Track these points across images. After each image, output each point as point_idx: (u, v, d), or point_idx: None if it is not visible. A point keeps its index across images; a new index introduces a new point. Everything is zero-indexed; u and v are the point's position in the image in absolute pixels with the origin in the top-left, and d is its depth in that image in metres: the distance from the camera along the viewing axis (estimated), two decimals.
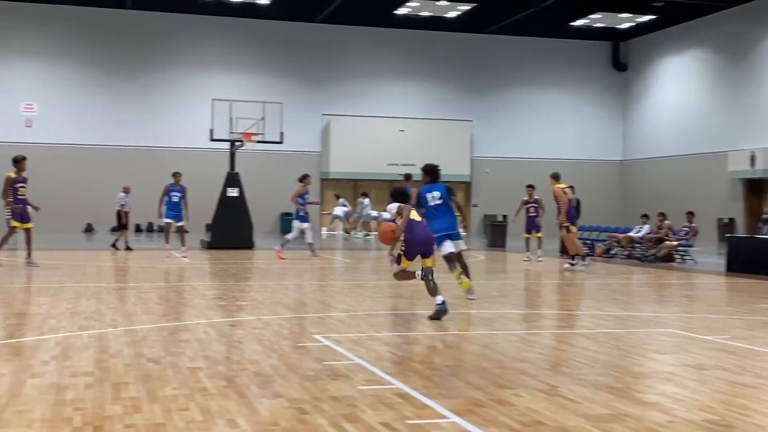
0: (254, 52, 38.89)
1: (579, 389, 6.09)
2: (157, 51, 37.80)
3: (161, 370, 6.55)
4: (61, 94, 36.89)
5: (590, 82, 42.66)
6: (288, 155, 36.36)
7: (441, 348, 7.73)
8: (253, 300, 11.51)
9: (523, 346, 7.94)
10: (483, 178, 41.33)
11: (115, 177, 33.92)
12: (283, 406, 5.44)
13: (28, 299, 11.12)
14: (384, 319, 9.83)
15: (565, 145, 41.97)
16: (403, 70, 40.47)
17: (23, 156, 16.69)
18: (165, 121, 37.60)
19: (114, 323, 9.03)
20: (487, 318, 9.98)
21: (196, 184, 35.82)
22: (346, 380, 6.23)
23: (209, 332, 8.52)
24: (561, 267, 18.17)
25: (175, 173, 20.62)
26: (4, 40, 36.24)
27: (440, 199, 11.33)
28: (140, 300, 11.29)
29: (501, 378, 6.42)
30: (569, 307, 11.63)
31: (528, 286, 14.23)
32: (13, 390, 5.77)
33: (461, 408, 5.44)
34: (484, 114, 41.29)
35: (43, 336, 8.11)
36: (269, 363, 6.87)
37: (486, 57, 41.34)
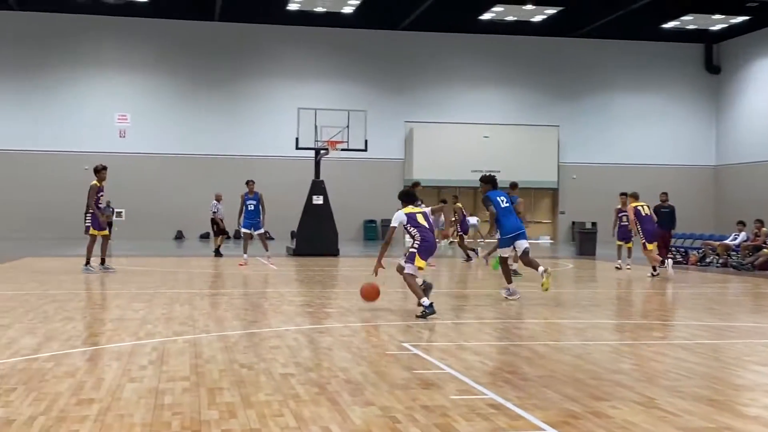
0: (338, 60, 39.27)
1: (678, 401, 5.91)
2: (244, 61, 38.55)
3: (254, 375, 6.62)
4: (152, 105, 37.98)
5: (682, 85, 41.65)
6: (372, 163, 36.61)
7: (533, 358, 7.60)
8: (340, 307, 11.57)
9: (617, 357, 7.75)
10: (570, 184, 40.76)
11: (203, 185, 34.76)
12: (375, 414, 5.43)
13: (125, 305, 11.43)
14: (472, 327, 9.74)
15: (655, 151, 41.09)
16: (488, 75, 40.27)
17: (104, 165, 17.14)
18: (252, 130, 38.31)
19: (207, 329, 9.20)
20: (579, 328, 9.80)
21: (281, 191, 36.43)
22: (437, 389, 6.18)
23: (299, 339, 8.60)
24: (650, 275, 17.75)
25: (248, 181, 20.63)
26: (98, 53, 37.54)
27: (507, 203, 12.53)
28: (231, 306, 11.48)
29: (596, 389, 6.27)
30: (664, 316, 11.32)
31: (620, 295, 13.93)
32: (114, 394, 5.92)
33: (556, 420, 5.34)
34: (571, 119, 40.73)
35: (140, 341, 8.32)
36: (359, 370, 6.88)
37: (573, 61, 40.81)
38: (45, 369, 6.79)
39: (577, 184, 40.51)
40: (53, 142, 36.80)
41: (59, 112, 37.12)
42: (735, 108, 40.63)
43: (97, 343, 8.19)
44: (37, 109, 36.94)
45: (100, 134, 37.21)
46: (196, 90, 38.40)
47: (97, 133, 37.16)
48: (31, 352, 7.60)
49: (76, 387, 6.12)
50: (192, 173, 37.42)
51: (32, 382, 6.27)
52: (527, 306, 11.95)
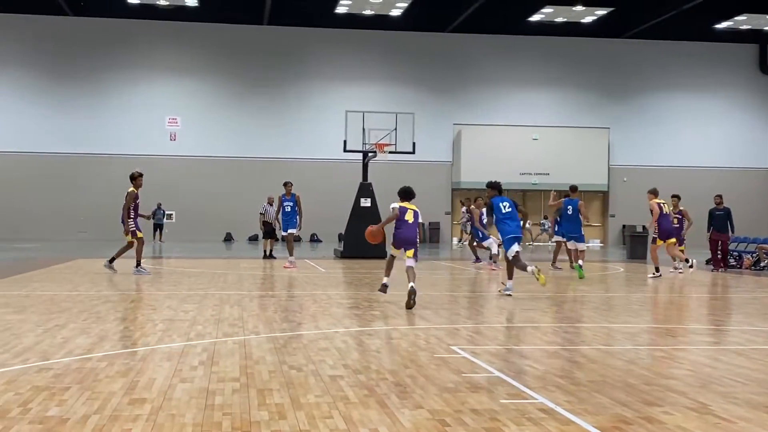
0: (386, 63, 39.33)
1: (733, 408, 5.79)
2: (292, 65, 38.82)
3: (303, 377, 6.65)
4: (202, 108, 38.45)
5: (735, 86, 40.91)
6: (420, 165, 36.56)
7: (584, 362, 7.51)
8: (389, 309, 11.56)
9: (670, 362, 7.62)
10: (621, 187, 40.28)
11: (252, 188, 35.07)
12: (424, 417, 5.41)
13: (176, 306, 11.56)
14: (521, 331, 9.67)
15: (707, 153, 40.44)
16: (537, 77, 39.99)
17: (140, 172, 17.51)
18: (300, 132, 38.56)
19: (256, 330, 9.26)
20: (631, 332, 9.66)
21: (329, 194, 36.61)
22: (486, 393, 6.14)
23: (347, 341, 8.61)
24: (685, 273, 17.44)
25: (285, 183, 20.80)
26: (149, 57, 38.12)
27: (509, 208, 13.66)
28: (279, 308, 11.56)
29: (649, 395, 6.18)
30: (717, 321, 11.11)
31: (672, 299, 13.71)
32: (166, 394, 5.99)
33: (608, 425, 5.26)
34: (621, 121, 40.26)
35: (190, 341, 8.41)
36: (408, 373, 6.86)
37: (623, 62, 40.34)
38: (98, 368, 6.90)
39: (627, 187, 40.00)
40: (105, 145, 37.45)
41: (112, 116, 37.76)
42: None
43: (148, 343, 8.30)
44: (91, 113, 37.63)
45: (151, 137, 37.79)
46: (245, 93, 38.77)
47: (148, 136, 37.74)
48: (84, 351, 7.73)
49: (128, 387, 6.21)
50: (241, 176, 37.77)
51: (86, 382, 6.37)
52: (578, 310, 11.83)
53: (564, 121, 39.86)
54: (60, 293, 13.03)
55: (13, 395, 5.87)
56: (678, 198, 20.30)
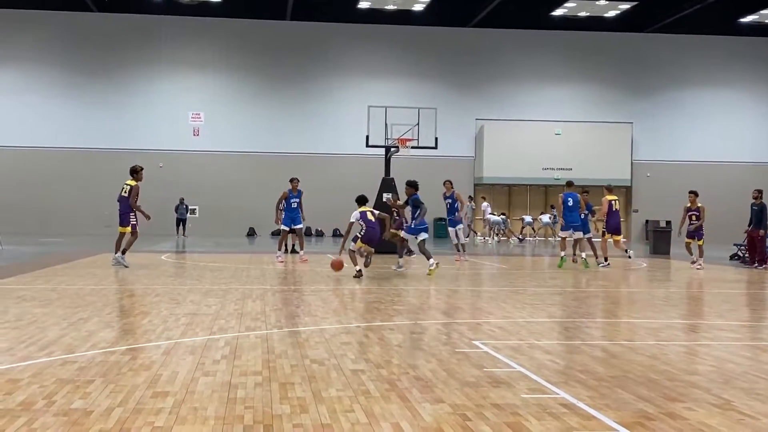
0: (409, 58, 39.29)
1: (756, 404, 5.75)
2: (315, 60, 38.87)
3: (325, 371, 6.68)
4: (225, 103, 38.60)
5: (760, 80, 40.54)
6: (442, 160, 36.50)
7: (606, 358, 7.49)
8: (410, 304, 11.58)
9: (693, 358, 7.58)
10: (644, 182, 40.03)
11: (275, 183, 35.15)
12: (445, 412, 5.42)
13: (199, 300, 11.64)
14: (543, 326, 9.65)
15: (732, 148, 40.11)
16: (559, 72, 39.79)
17: (142, 167, 18.17)
18: (323, 127, 38.61)
19: (279, 324, 9.31)
20: (654, 328, 9.61)
21: (352, 189, 36.56)
22: (508, 388, 6.14)
23: (369, 335, 8.64)
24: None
25: (292, 179, 20.74)
26: (172, 53, 38.34)
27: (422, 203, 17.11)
28: (302, 302, 11.60)
29: (671, 391, 6.15)
30: (741, 317, 11.02)
31: (695, 294, 13.61)
32: (188, 387, 6.04)
33: (630, 421, 5.25)
34: (645, 116, 39.99)
35: (213, 335, 8.46)
36: (429, 368, 6.87)
37: (647, 57, 40.05)
38: (122, 362, 6.97)
39: (650, 182, 39.75)
40: (129, 140, 37.69)
41: (135, 111, 38.01)
42: None
43: (171, 337, 8.37)
44: (114, 109, 37.90)
45: (175, 133, 38.01)
46: (268, 88, 38.88)
47: (171, 131, 37.97)
48: (108, 345, 7.81)
49: (151, 380, 6.26)
50: (263, 171, 37.90)
51: (110, 375, 6.44)
52: (600, 305, 11.78)
53: (587, 117, 39.64)
54: (85, 287, 13.16)
55: (38, 388, 5.94)
56: (695, 194, 20.15)
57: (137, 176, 17.82)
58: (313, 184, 36.97)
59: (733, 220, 33.55)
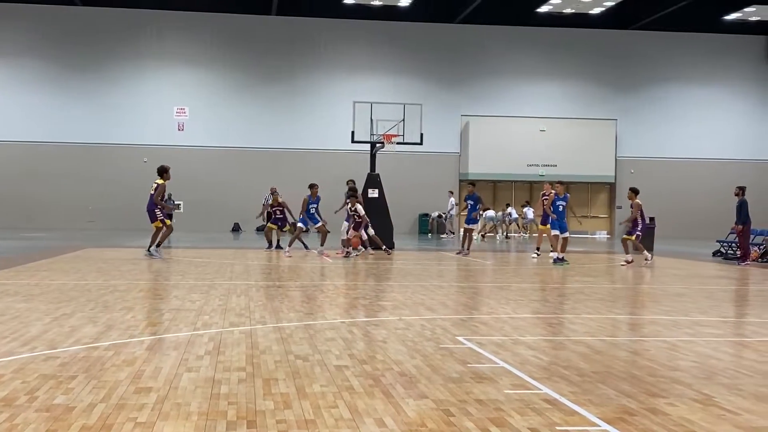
0: (394, 54, 39.26)
1: (738, 400, 5.79)
2: (300, 55, 38.79)
3: (309, 367, 6.68)
4: (210, 98, 38.46)
5: (743, 78, 40.76)
6: (427, 156, 36.55)
7: (589, 353, 7.52)
8: (395, 300, 11.59)
9: (675, 354, 7.63)
10: (628, 178, 40.17)
11: (260, 178, 35.10)
12: (429, 407, 5.43)
13: (183, 295, 11.61)
14: (527, 322, 9.68)
15: (715, 145, 40.34)
16: (545, 68, 39.88)
17: (169, 166, 19.08)
18: (308, 123, 38.54)
19: (263, 320, 9.30)
20: (637, 324, 9.67)
21: (337, 185, 36.56)
22: (491, 383, 6.16)
23: (353, 331, 8.64)
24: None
25: (312, 185, 21.62)
26: (157, 47, 38.14)
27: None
28: (286, 298, 11.59)
29: (653, 386, 6.19)
30: (723, 314, 11.10)
31: (678, 291, 13.69)
32: (172, 383, 6.03)
33: (612, 416, 5.28)
34: (629, 112, 40.16)
35: (197, 331, 8.45)
36: (413, 363, 6.89)
37: (632, 54, 40.20)
38: (105, 357, 6.94)
39: (634, 179, 39.88)
40: (113, 135, 37.49)
41: (119, 106, 37.80)
42: None
43: (155, 332, 8.34)
44: (98, 103, 37.68)
45: (160, 127, 37.84)
46: (253, 84, 38.77)
47: (156, 126, 37.80)
48: (91, 340, 7.77)
49: (134, 375, 6.24)
50: (248, 166, 37.81)
51: (92, 371, 6.41)
52: (584, 301, 11.83)
53: (571, 113, 39.76)
54: (68, 282, 13.09)
55: (21, 383, 5.91)
56: (632, 191, 20.45)
57: (165, 176, 18.73)
58: (298, 180, 36.91)
59: (716, 217, 33.79)
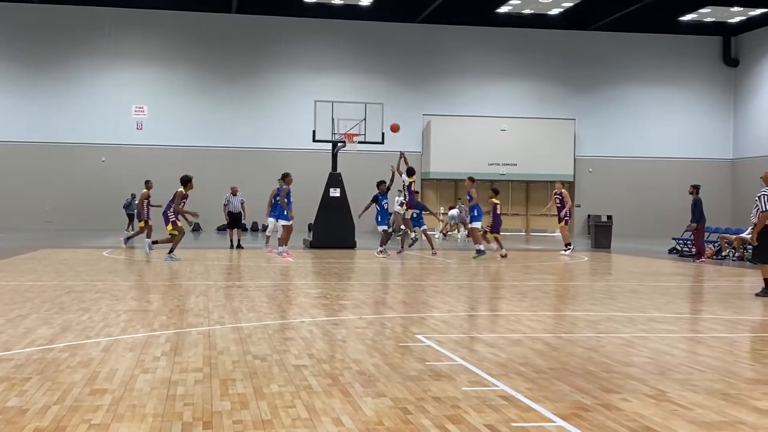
0: (356, 53, 39.24)
1: (690, 395, 5.89)
2: (261, 54, 38.60)
3: (267, 367, 6.66)
4: (169, 97, 38.10)
5: (699, 78, 41.39)
6: (389, 155, 36.44)
7: (545, 350, 7.60)
8: (356, 299, 11.60)
9: (630, 350, 7.74)
10: (586, 177, 40.62)
11: (220, 178, 34.87)
12: (387, 406, 5.45)
13: (141, 296, 11.51)
14: (486, 320, 9.75)
15: (672, 144, 40.94)
16: (505, 68, 40.13)
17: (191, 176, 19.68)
18: (269, 122, 38.37)
19: (221, 320, 9.25)
20: (593, 320, 9.78)
21: (298, 184, 36.42)
22: (449, 381, 6.20)
23: (313, 330, 8.63)
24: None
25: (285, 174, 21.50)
26: (115, 45, 37.70)
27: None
28: (246, 298, 11.54)
29: (608, 382, 6.27)
30: (678, 310, 11.28)
31: (635, 288, 13.87)
32: (127, 384, 5.97)
33: (567, 412, 5.34)
34: (587, 112, 40.59)
35: (154, 332, 8.38)
36: (372, 362, 6.90)
37: (590, 54, 40.62)
38: (60, 359, 6.86)
39: (593, 178, 40.36)
40: (71, 134, 36.98)
41: (77, 104, 37.29)
42: (753, 101, 40.31)
43: (111, 334, 8.26)
44: (55, 102, 37.15)
45: (118, 126, 37.40)
46: (213, 82, 38.49)
47: (114, 125, 37.35)
48: (46, 342, 7.68)
49: (90, 377, 6.18)
50: (209, 166, 37.50)
51: (47, 372, 6.34)
52: (542, 299, 11.94)
53: (531, 112, 40.06)
54: (23, 283, 12.91)
55: None
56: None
57: (188, 186, 19.32)
58: (258, 179, 36.75)
59: (672, 215, 34.28)
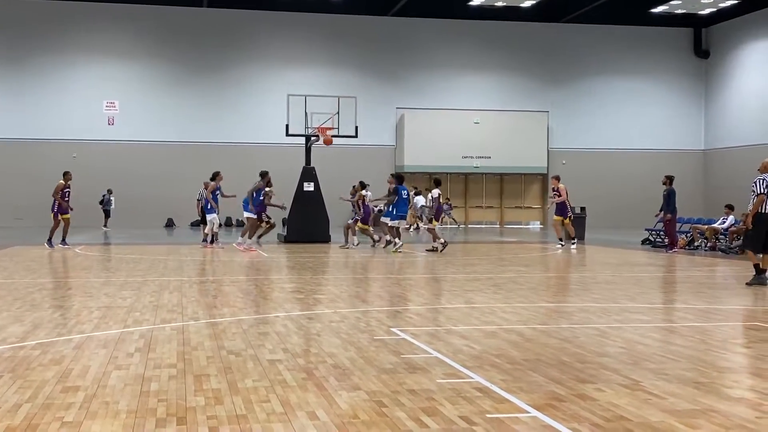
0: (328, 47, 39.16)
1: (663, 384, 5.94)
2: (233, 48, 38.40)
3: (242, 362, 6.63)
4: (141, 91, 37.81)
5: (671, 70, 41.73)
6: (363, 149, 36.55)
7: (520, 342, 7.63)
8: (330, 293, 11.58)
9: (604, 341, 7.79)
10: (560, 169, 40.79)
11: (193, 173, 34.65)
12: (362, 399, 5.44)
13: (113, 293, 11.41)
14: (460, 312, 9.77)
15: (644, 135, 41.25)
16: (478, 61, 40.23)
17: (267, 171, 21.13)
18: (242, 116, 38.20)
19: (195, 316, 9.20)
20: (567, 311, 9.84)
21: (272, 178, 36.31)
22: (424, 373, 6.21)
23: (288, 325, 8.61)
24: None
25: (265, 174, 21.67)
26: (86, 39, 37.34)
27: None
28: (220, 293, 11.48)
29: (582, 372, 6.31)
30: (651, 300, 11.37)
31: (608, 279, 13.97)
32: (100, 381, 5.92)
33: (541, 402, 5.36)
34: (560, 105, 40.80)
35: (127, 328, 8.31)
36: (347, 356, 6.89)
37: (562, 46, 40.81)
38: (31, 357, 6.79)
39: (566, 170, 40.51)
40: (41, 129, 36.60)
41: (46, 100, 36.90)
42: (724, 92, 40.72)
43: (84, 331, 8.18)
44: (24, 97, 36.72)
45: (89, 122, 37.06)
46: (186, 77, 38.24)
47: (85, 120, 37.01)
48: (17, 340, 7.59)
49: (62, 375, 6.12)
50: (182, 161, 37.29)
51: (18, 370, 6.26)
52: (516, 290, 11.99)
53: (504, 105, 40.21)
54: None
55: None
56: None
57: (265, 178, 21.06)
58: (232, 174, 36.54)
59: (645, 206, 34.55)
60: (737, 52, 39.74)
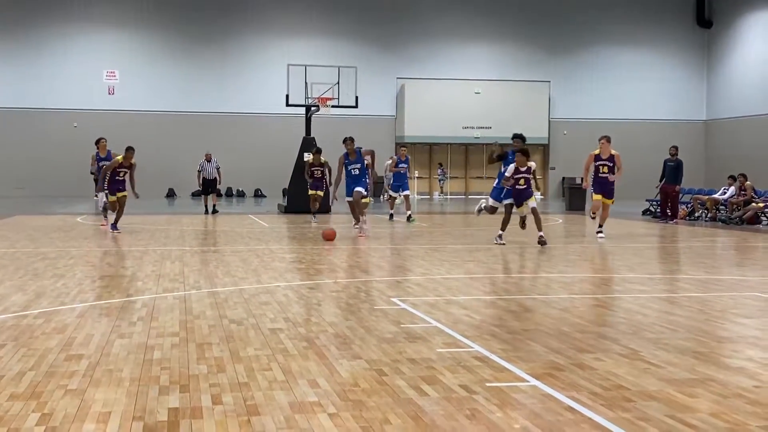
0: (329, 16, 38.91)
1: (662, 354, 5.98)
2: (234, 18, 38.17)
3: (243, 331, 6.68)
4: (141, 61, 37.64)
5: (673, 39, 41.48)
6: (363, 119, 36.41)
7: (519, 312, 7.67)
8: (331, 263, 11.62)
9: (603, 311, 7.83)
10: (561, 140, 40.73)
11: (194, 143, 34.63)
12: (362, 368, 5.49)
13: (116, 262, 11.46)
14: (460, 282, 9.81)
15: (646, 105, 41.08)
16: (479, 31, 39.97)
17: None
18: (242, 86, 38.05)
19: (197, 285, 9.24)
20: (567, 282, 9.88)
21: (273, 149, 36.39)
22: (423, 343, 6.25)
23: (289, 294, 8.65)
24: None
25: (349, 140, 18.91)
26: (86, 9, 37.11)
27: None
28: (222, 263, 11.52)
29: (581, 342, 6.35)
30: (651, 270, 11.41)
31: (608, 249, 14.01)
32: (103, 350, 5.97)
33: (541, 372, 5.40)
34: (562, 74, 40.58)
35: (130, 297, 8.36)
36: (347, 325, 6.94)
37: (564, 16, 40.53)
38: (35, 326, 6.83)
39: (567, 140, 40.48)
40: (41, 99, 36.49)
41: (47, 69, 36.75)
42: (726, 62, 40.51)
43: (86, 300, 8.23)
44: (25, 66, 36.58)
45: (89, 91, 36.95)
46: (186, 47, 38.05)
47: (85, 90, 36.89)
48: (20, 309, 7.64)
49: (65, 343, 6.16)
50: (182, 131, 37.22)
51: (22, 339, 6.31)
52: (516, 261, 12.02)
53: (505, 75, 40.03)
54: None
55: None
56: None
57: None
58: (232, 144, 36.53)
59: (646, 176, 34.51)
60: (740, 21, 39.47)
